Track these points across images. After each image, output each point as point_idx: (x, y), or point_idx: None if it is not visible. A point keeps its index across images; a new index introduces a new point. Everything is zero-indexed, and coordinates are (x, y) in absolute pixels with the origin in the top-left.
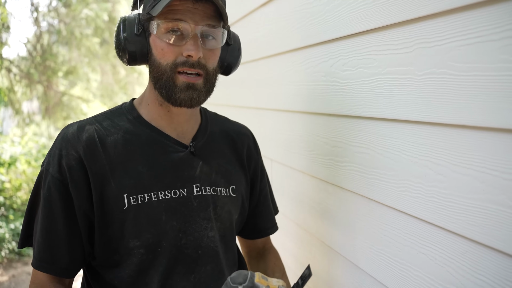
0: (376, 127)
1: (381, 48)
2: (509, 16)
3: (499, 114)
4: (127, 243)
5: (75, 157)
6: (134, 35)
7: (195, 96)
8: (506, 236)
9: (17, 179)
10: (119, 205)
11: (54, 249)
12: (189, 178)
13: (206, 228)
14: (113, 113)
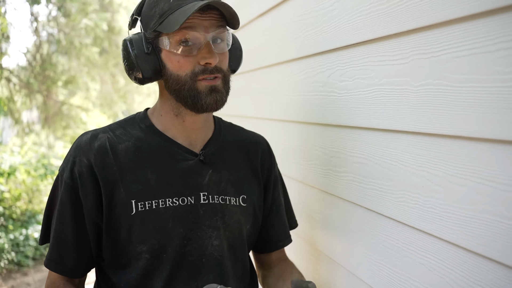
0: (374, 137)
1: (378, 59)
2: (503, 28)
3: (494, 125)
4: (134, 247)
5: (86, 165)
6: (144, 54)
7: (219, 98)
8: (504, 246)
9: (17, 189)
10: (127, 210)
11: (63, 250)
12: (197, 186)
13: (211, 237)
14: (127, 121)
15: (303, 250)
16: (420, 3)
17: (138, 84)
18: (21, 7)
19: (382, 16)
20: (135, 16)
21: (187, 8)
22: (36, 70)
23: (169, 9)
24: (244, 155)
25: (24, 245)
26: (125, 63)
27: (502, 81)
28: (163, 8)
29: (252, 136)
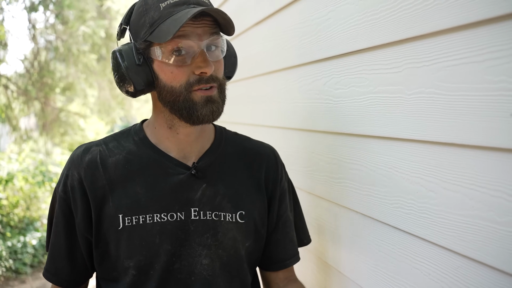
0: (369, 144)
1: (372, 67)
2: (491, 38)
3: (484, 132)
4: (122, 262)
5: (77, 178)
6: (136, 65)
7: (215, 109)
8: (496, 251)
9: (14, 196)
10: (114, 224)
11: (57, 261)
12: (187, 201)
13: (200, 255)
14: (122, 134)
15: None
16: (411, 14)
17: (130, 97)
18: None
19: (375, 26)
20: (124, 26)
21: (179, 16)
22: (34, 77)
23: (160, 17)
24: (246, 167)
25: (22, 252)
26: (115, 76)
27: (491, 90)
28: (153, 16)
29: (257, 147)
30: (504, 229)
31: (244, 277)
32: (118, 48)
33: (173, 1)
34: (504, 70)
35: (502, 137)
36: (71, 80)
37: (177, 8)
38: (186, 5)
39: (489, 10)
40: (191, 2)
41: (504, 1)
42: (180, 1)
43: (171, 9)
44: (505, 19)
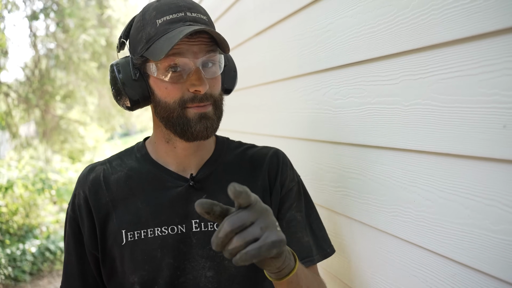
0: (367, 154)
1: (370, 79)
2: (485, 53)
3: (478, 143)
4: (128, 278)
5: (83, 197)
6: (132, 80)
7: (209, 125)
8: (491, 259)
9: (14, 203)
10: (118, 240)
11: (70, 278)
12: (187, 213)
13: (204, 268)
14: (126, 152)
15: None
16: (408, 28)
17: (127, 110)
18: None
19: (373, 38)
20: (123, 40)
21: (174, 34)
22: (35, 85)
23: (156, 34)
24: (248, 174)
25: (21, 260)
26: (112, 90)
27: (485, 102)
28: (150, 33)
29: (260, 151)
30: (499, 237)
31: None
32: (116, 61)
33: (170, 18)
34: (497, 84)
35: (496, 148)
36: (72, 87)
37: (173, 25)
38: (182, 23)
39: (483, 25)
40: (187, 20)
41: (497, 17)
42: (176, 18)
43: (167, 26)
44: (498, 35)
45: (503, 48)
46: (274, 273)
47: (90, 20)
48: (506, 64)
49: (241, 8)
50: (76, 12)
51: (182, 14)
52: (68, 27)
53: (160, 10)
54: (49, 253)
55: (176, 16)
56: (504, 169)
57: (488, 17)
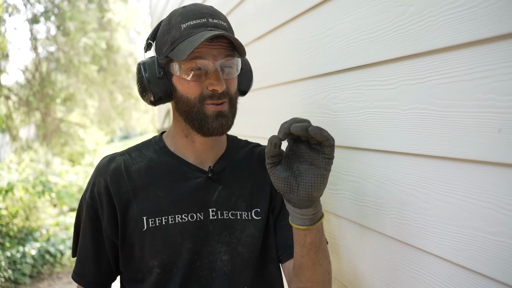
0: (366, 157)
1: (369, 83)
2: (480, 59)
3: (473, 147)
4: (147, 262)
5: (103, 185)
6: (156, 78)
7: (225, 123)
8: (487, 260)
9: (14, 206)
10: (139, 226)
11: (84, 264)
12: (205, 202)
13: (220, 252)
14: (144, 144)
15: None
16: (405, 33)
17: (151, 105)
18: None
19: (372, 44)
20: (150, 41)
21: (196, 38)
22: (35, 88)
23: (180, 37)
24: (255, 169)
25: (21, 263)
26: (138, 86)
27: (480, 107)
28: (175, 36)
29: (264, 149)
30: (495, 239)
31: (267, 273)
32: (143, 60)
33: (193, 23)
34: (492, 89)
35: (491, 152)
36: (72, 90)
37: (195, 30)
38: (204, 28)
39: (478, 32)
40: (209, 25)
41: (491, 24)
42: (199, 24)
43: (190, 30)
44: (493, 41)
45: (498, 54)
46: (309, 218)
47: (91, 23)
48: (500, 70)
49: (241, 12)
50: (77, 16)
51: (204, 20)
52: (69, 30)
53: (185, 15)
54: (49, 256)
55: (199, 22)
56: (499, 172)
57: (483, 24)
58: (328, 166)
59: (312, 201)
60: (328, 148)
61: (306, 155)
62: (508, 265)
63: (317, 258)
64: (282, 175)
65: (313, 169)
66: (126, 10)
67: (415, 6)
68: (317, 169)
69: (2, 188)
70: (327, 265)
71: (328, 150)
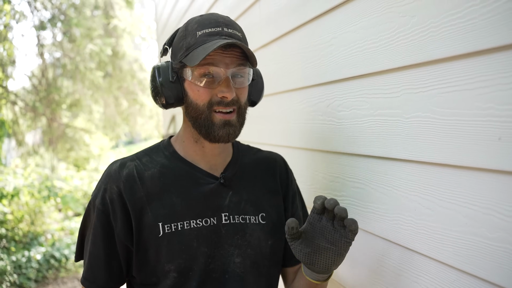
0: (369, 164)
1: (373, 92)
2: (481, 69)
3: (474, 154)
4: (162, 266)
5: (116, 191)
6: (169, 82)
7: (232, 132)
8: (488, 265)
9: (19, 211)
10: (154, 232)
11: (95, 269)
12: (218, 207)
13: (232, 254)
14: (152, 150)
15: None
16: (408, 43)
17: (162, 108)
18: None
19: (375, 53)
20: (166, 46)
21: (210, 45)
22: (42, 94)
23: (195, 43)
24: (262, 174)
25: (26, 267)
26: (151, 89)
27: (480, 116)
28: (190, 42)
29: (269, 156)
30: (495, 244)
31: (270, 275)
32: (158, 64)
33: (208, 31)
34: (492, 98)
35: (491, 159)
36: (78, 96)
37: (210, 37)
38: (219, 36)
39: (478, 43)
40: (224, 34)
41: (490, 35)
42: (214, 32)
43: (205, 37)
44: (492, 52)
45: (497, 65)
46: (323, 277)
47: (97, 30)
48: (500, 80)
49: (247, 20)
50: (83, 22)
51: (219, 29)
52: (75, 36)
53: (201, 23)
54: (54, 261)
55: (214, 30)
56: (499, 179)
57: (483, 35)
58: (347, 249)
59: (329, 271)
60: (353, 235)
61: (327, 233)
62: (508, 270)
63: None
64: (304, 250)
65: (334, 249)
66: (131, 17)
67: (418, 17)
68: (337, 249)
69: (8, 193)
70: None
71: (352, 236)
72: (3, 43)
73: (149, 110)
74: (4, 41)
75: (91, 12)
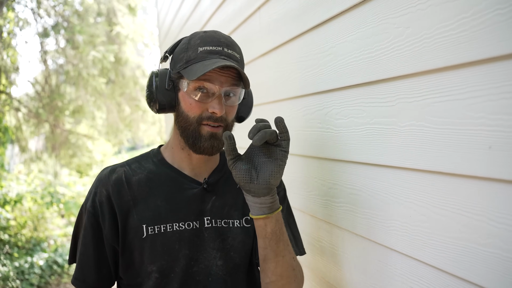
0: (366, 171)
1: (369, 100)
2: (473, 79)
3: (465, 163)
4: (145, 267)
5: (105, 195)
6: (164, 89)
7: (216, 145)
8: (480, 270)
9: (22, 217)
10: (139, 234)
11: (85, 269)
12: (201, 211)
13: (215, 258)
14: (142, 157)
15: (305, 277)
16: (402, 54)
17: (155, 112)
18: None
19: (371, 63)
20: (167, 54)
21: (209, 63)
22: (45, 100)
23: (195, 58)
24: None
25: (29, 273)
26: (146, 92)
27: (472, 125)
28: (190, 56)
29: None
30: (487, 250)
31: (254, 276)
32: (157, 70)
33: (209, 49)
34: (484, 108)
35: (482, 167)
36: (81, 102)
37: (210, 55)
38: (218, 55)
39: (470, 54)
40: (223, 54)
41: (481, 47)
42: (215, 51)
43: (205, 54)
44: (483, 63)
45: (488, 76)
46: (267, 206)
47: (99, 36)
48: (490, 90)
49: (247, 29)
50: (86, 29)
51: (220, 48)
52: (78, 43)
53: (204, 40)
54: (57, 266)
55: (215, 49)
56: (490, 187)
57: (474, 46)
58: (284, 159)
59: (270, 188)
60: (285, 142)
61: (264, 151)
62: (499, 275)
63: (279, 248)
64: (243, 167)
65: (271, 161)
66: (134, 24)
67: (412, 28)
68: (274, 160)
69: (11, 199)
70: (291, 260)
71: (285, 143)
72: (7, 50)
73: (151, 116)
74: (8, 48)
75: (94, 19)
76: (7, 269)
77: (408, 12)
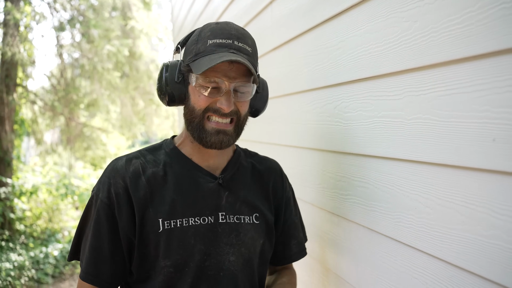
0: (373, 163)
1: (377, 94)
2: (477, 73)
3: (470, 155)
4: (160, 261)
5: (122, 186)
6: (174, 82)
7: (225, 140)
8: (484, 262)
9: (38, 208)
10: (154, 228)
11: (99, 263)
12: (216, 206)
13: (228, 253)
14: (155, 148)
15: (313, 269)
16: (410, 48)
17: (165, 105)
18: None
19: (379, 57)
20: (179, 46)
21: (216, 57)
22: (60, 93)
23: (203, 51)
24: (257, 179)
25: (44, 263)
26: (157, 85)
27: (477, 118)
28: (200, 48)
29: (266, 162)
30: (490, 242)
31: (262, 273)
32: (167, 62)
33: (219, 42)
34: (488, 101)
35: (486, 160)
36: (95, 96)
37: (219, 48)
38: (227, 49)
39: (474, 48)
40: (233, 47)
41: (485, 41)
42: (224, 44)
43: (214, 47)
44: (488, 57)
45: (493, 69)
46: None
47: (114, 31)
48: (495, 83)
49: (259, 24)
50: (101, 23)
51: (230, 41)
52: (93, 37)
53: (214, 32)
54: None
55: (224, 42)
56: (494, 179)
57: (480, 40)
58: None
59: None
60: None
61: None
62: (502, 266)
63: None
64: None
65: None
66: (148, 18)
67: (419, 22)
68: None
69: (27, 190)
70: None
71: None
72: (24, 44)
73: (165, 110)
74: (24, 42)
75: (109, 14)
76: (23, 259)
77: (416, 6)
